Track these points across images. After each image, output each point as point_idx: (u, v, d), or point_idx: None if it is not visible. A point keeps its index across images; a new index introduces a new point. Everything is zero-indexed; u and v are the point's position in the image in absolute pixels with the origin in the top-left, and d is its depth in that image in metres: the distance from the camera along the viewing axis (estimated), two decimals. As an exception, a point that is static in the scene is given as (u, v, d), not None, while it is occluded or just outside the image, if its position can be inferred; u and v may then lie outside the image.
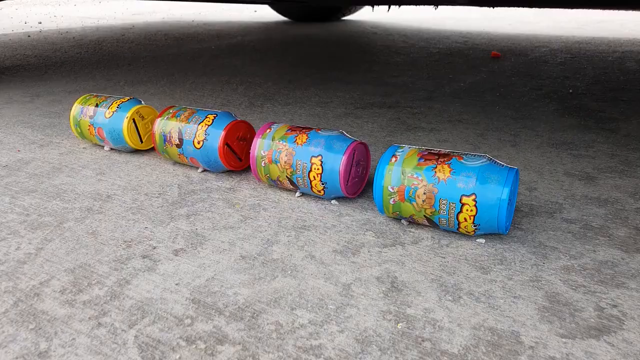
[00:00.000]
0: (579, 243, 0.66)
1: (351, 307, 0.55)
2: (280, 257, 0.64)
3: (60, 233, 0.71)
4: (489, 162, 0.64)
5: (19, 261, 0.64)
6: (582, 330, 0.51)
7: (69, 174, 0.91)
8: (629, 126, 1.12)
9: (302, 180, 0.77)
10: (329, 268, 0.62)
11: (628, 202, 0.77)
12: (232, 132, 0.85)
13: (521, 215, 0.73)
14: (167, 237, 0.69)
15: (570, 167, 0.90)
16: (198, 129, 0.86)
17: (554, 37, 2.40)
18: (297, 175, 0.77)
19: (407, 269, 0.61)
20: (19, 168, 0.94)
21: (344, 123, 1.19)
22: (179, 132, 0.88)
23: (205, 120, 0.87)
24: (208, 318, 0.54)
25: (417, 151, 0.69)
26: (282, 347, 0.49)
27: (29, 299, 0.57)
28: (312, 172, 0.76)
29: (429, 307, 0.55)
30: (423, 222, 0.68)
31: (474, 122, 1.18)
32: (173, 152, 0.90)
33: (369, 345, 0.49)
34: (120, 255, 0.65)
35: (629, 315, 0.53)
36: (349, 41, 2.48)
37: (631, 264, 0.61)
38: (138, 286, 0.59)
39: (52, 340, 0.51)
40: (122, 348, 0.50)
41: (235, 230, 0.71)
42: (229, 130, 0.85)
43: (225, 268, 0.62)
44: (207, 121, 0.87)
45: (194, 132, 0.86)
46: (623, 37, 2.34)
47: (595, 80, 1.56)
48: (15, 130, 1.15)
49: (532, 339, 0.50)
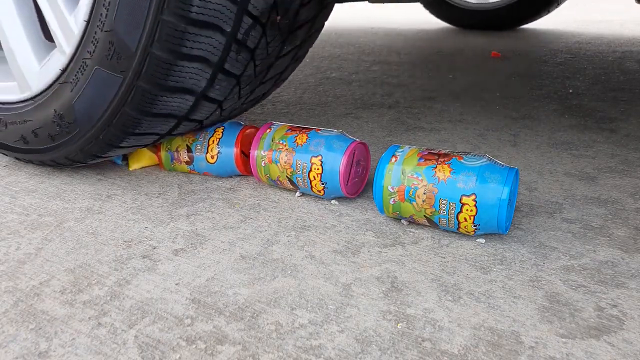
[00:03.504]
0: (579, 243, 0.66)
1: (351, 307, 0.55)
2: (280, 257, 0.64)
3: (61, 233, 0.71)
4: (489, 162, 0.64)
5: (19, 261, 0.64)
6: (582, 330, 0.51)
7: (69, 173, 0.91)
8: (629, 126, 1.12)
9: (302, 180, 0.77)
10: (329, 268, 0.62)
11: (628, 202, 0.77)
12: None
13: (521, 215, 0.73)
14: (167, 237, 0.69)
15: (570, 167, 0.90)
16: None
17: (554, 37, 2.40)
18: (297, 175, 0.77)
19: (407, 269, 0.61)
20: (19, 168, 0.94)
21: (343, 123, 1.19)
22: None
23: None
24: (208, 318, 0.54)
25: (417, 151, 0.69)
26: (282, 347, 0.49)
27: (29, 299, 0.57)
28: (312, 172, 0.76)
29: (429, 307, 0.55)
30: (423, 222, 0.68)
31: (474, 122, 1.18)
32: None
33: (369, 345, 0.49)
34: (120, 255, 0.65)
35: (629, 315, 0.53)
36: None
37: (631, 264, 0.61)
38: (138, 286, 0.59)
39: (52, 340, 0.51)
40: (122, 348, 0.50)
41: (235, 230, 0.71)
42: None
43: (225, 268, 0.62)
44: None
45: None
46: (623, 37, 2.34)
47: (595, 80, 1.56)
48: (15, 130, 1.15)
49: (532, 339, 0.50)
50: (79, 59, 0.72)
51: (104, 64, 0.69)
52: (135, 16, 0.64)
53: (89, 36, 0.69)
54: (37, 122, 0.80)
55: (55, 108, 0.77)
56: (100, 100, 0.71)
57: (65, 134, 0.78)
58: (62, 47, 0.74)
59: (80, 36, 0.71)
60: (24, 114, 0.81)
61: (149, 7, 0.62)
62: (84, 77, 0.72)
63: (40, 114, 0.79)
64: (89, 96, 0.72)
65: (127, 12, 0.64)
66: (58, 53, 0.75)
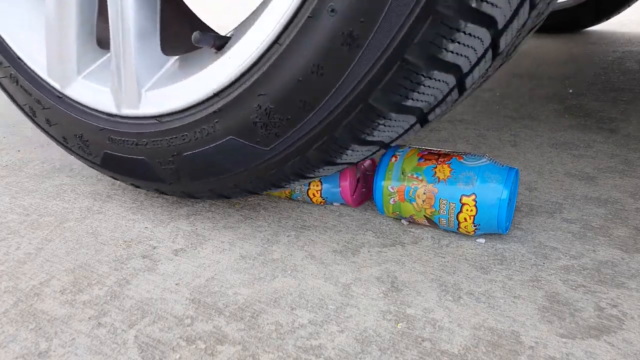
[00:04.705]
0: (579, 243, 0.66)
1: (351, 307, 0.55)
2: (280, 257, 0.64)
3: (61, 233, 0.71)
4: (489, 162, 0.64)
5: (19, 261, 0.64)
6: (582, 330, 0.51)
7: (69, 174, 0.91)
8: (629, 126, 1.12)
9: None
10: (329, 268, 0.62)
11: (628, 202, 0.77)
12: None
13: (521, 215, 0.73)
14: (167, 237, 0.69)
15: (570, 167, 0.90)
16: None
17: (553, 37, 2.40)
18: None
19: (407, 268, 0.61)
20: (20, 168, 0.94)
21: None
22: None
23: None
24: (208, 318, 0.54)
25: (417, 151, 0.69)
26: (282, 347, 0.49)
27: (29, 299, 0.57)
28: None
29: (429, 307, 0.55)
30: (423, 222, 0.68)
31: (474, 122, 1.18)
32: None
33: (369, 345, 0.49)
34: (120, 255, 0.65)
35: (629, 315, 0.53)
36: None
37: (631, 264, 0.61)
38: (138, 286, 0.59)
39: (52, 340, 0.51)
40: (122, 348, 0.50)
41: (235, 230, 0.71)
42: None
43: (225, 268, 0.62)
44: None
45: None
46: (623, 37, 2.34)
47: (595, 80, 1.56)
48: (16, 130, 1.15)
49: (532, 339, 0.50)
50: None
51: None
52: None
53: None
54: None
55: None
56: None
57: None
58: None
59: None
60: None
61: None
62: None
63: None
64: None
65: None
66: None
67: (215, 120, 0.60)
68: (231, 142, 0.60)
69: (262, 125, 0.57)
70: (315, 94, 0.53)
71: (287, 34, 0.53)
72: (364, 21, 0.48)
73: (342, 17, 0.49)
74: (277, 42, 0.54)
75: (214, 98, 0.60)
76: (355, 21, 0.48)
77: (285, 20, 0.52)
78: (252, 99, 0.56)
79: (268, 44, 0.54)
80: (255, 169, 0.61)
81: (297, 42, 0.52)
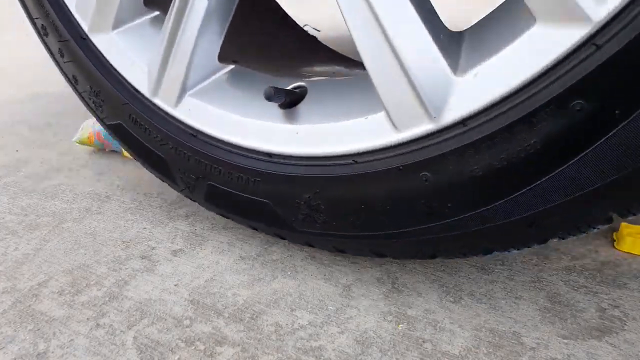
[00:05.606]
0: (581, 243, 0.66)
1: (351, 308, 0.55)
2: (280, 258, 0.64)
3: (59, 233, 0.71)
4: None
5: (18, 262, 0.64)
6: (583, 331, 0.51)
7: (68, 174, 0.91)
8: (630, 126, 1.12)
9: None
10: (329, 269, 0.62)
11: (629, 202, 0.77)
12: None
13: (522, 215, 0.73)
14: (166, 238, 0.69)
15: (571, 167, 0.90)
16: None
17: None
18: None
19: (408, 269, 0.61)
20: (18, 168, 0.93)
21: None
22: None
23: None
24: (207, 319, 0.53)
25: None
26: (282, 349, 0.49)
27: (27, 300, 0.57)
28: None
29: (430, 308, 0.54)
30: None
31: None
32: None
33: (369, 346, 0.49)
34: (119, 255, 0.65)
35: (631, 316, 0.53)
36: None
37: (633, 265, 0.61)
38: (137, 287, 0.59)
39: (50, 341, 0.51)
40: (120, 349, 0.49)
41: (235, 231, 0.71)
42: None
43: (224, 269, 0.62)
44: None
45: None
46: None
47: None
48: (14, 130, 1.15)
49: (533, 340, 0.49)
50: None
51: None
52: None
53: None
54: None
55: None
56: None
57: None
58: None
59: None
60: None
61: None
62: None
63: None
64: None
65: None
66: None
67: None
68: None
69: None
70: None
71: None
72: None
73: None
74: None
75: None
76: None
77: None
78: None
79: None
80: None
81: None
